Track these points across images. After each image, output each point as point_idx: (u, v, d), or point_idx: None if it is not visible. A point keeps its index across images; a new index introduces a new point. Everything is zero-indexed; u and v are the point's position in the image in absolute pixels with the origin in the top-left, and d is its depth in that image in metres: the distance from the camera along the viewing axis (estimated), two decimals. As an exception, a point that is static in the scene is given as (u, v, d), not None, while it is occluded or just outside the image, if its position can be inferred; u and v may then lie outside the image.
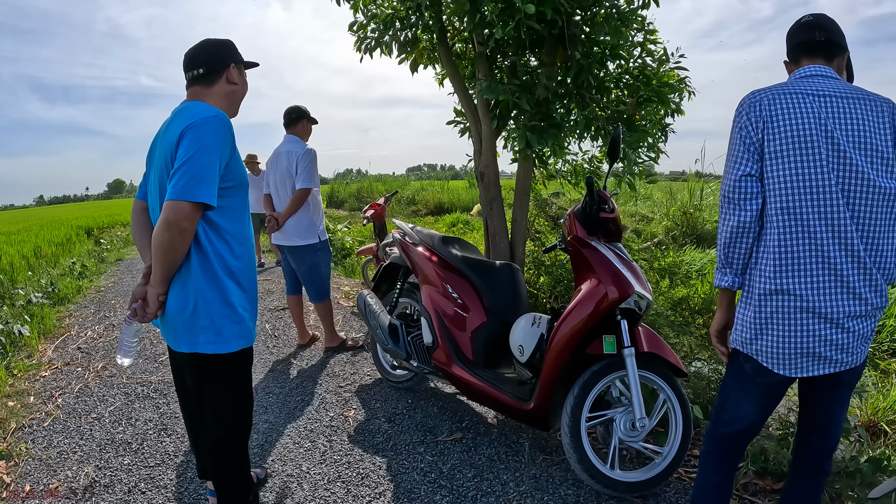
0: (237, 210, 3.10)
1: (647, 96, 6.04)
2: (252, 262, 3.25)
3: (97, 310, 9.69)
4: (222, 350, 3.05)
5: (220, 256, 3.00)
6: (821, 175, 2.42)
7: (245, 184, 3.15)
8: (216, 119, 2.89)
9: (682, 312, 6.47)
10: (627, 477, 3.80)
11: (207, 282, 2.98)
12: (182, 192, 2.72)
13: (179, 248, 2.83)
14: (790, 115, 2.49)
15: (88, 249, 17.86)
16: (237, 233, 3.10)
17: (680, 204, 15.11)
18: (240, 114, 3.45)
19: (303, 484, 4.10)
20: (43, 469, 4.46)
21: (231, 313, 3.06)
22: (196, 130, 2.83)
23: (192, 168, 2.75)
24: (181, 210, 2.72)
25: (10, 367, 6.65)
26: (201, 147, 2.79)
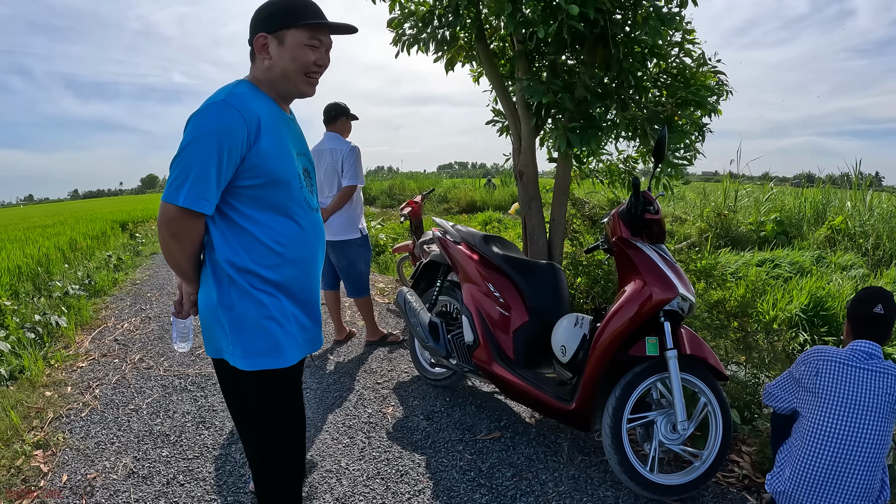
0: (270, 212, 2.58)
1: (685, 97, 5.99)
2: (300, 271, 2.69)
3: (133, 302, 9.79)
4: (243, 366, 2.58)
5: (237, 263, 2.55)
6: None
7: (283, 180, 2.57)
8: (217, 105, 2.42)
9: (719, 315, 6.41)
10: (667, 480, 3.78)
11: (224, 288, 2.57)
12: (167, 192, 2.42)
13: (176, 252, 2.54)
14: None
15: (123, 243, 18.01)
16: (270, 238, 2.57)
17: (714, 205, 14.99)
18: None
19: (342, 480, 4.11)
20: (80, 459, 4.50)
21: (257, 325, 2.58)
22: (192, 120, 2.45)
23: (179, 164, 2.41)
24: (166, 213, 2.43)
25: (47, 358, 6.74)
26: (192, 139, 2.40)
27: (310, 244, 2.74)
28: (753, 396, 4.75)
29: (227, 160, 2.40)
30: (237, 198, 2.51)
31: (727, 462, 4.14)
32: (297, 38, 2.54)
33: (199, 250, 2.61)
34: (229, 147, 2.38)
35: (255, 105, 2.50)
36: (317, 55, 2.61)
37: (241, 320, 2.56)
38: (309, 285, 2.77)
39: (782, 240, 11.51)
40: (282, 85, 2.63)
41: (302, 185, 2.70)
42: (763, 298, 7.05)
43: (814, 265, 9.17)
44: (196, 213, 2.42)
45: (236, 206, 2.53)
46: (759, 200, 15.08)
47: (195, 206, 2.38)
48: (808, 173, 19.15)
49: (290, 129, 2.74)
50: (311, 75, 2.65)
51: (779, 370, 5.15)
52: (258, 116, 2.47)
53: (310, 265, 2.76)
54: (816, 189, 15.17)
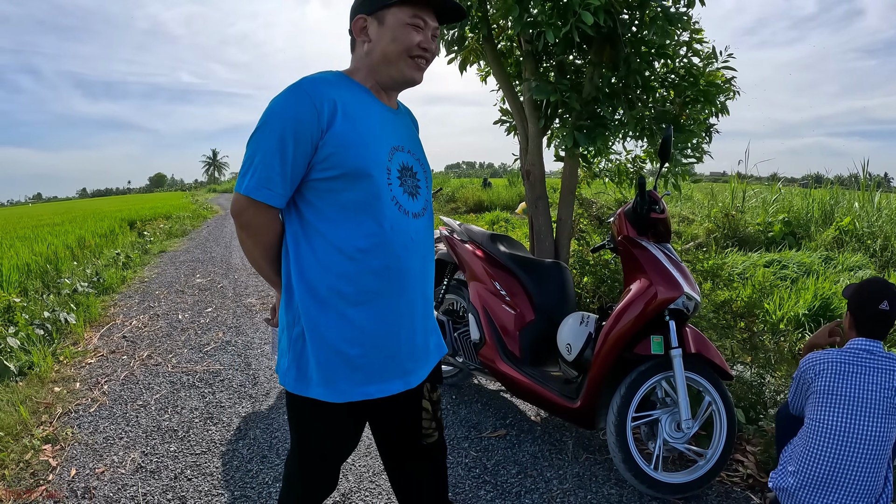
0: (347, 210, 2.24)
1: (693, 96, 6.00)
2: (381, 284, 2.29)
3: (141, 300, 9.83)
4: (295, 390, 2.32)
5: (306, 271, 2.27)
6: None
7: (364, 173, 2.22)
8: (288, 89, 2.22)
9: (725, 315, 6.42)
10: (671, 478, 3.79)
11: (292, 300, 2.31)
12: (238, 180, 2.24)
13: (250, 247, 2.35)
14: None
15: (132, 241, 18.02)
16: (344, 241, 2.24)
17: (722, 206, 14.97)
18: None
19: (348, 475, 4.13)
20: (89, 454, 4.53)
21: (317, 349, 2.26)
22: (267, 107, 2.24)
23: (246, 152, 2.23)
24: (235, 202, 2.24)
25: (56, 354, 6.77)
26: (259, 126, 2.21)
27: (396, 252, 2.30)
28: (759, 396, 4.76)
29: (295, 148, 2.16)
30: (312, 192, 2.25)
31: (731, 461, 4.15)
32: (398, 17, 2.29)
33: (278, 247, 2.38)
34: (295, 133, 2.15)
35: (335, 91, 2.24)
36: (421, 36, 2.33)
37: (300, 339, 2.29)
38: (396, 303, 2.33)
39: (790, 240, 11.49)
40: (383, 70, 2.36)
41: (392, 182, 2.32)
42: (769, 299, 7.06)
43: (821, 266, 9.17)
44: (262, 205, 2.21)
45: (312, 203, 2.26)
46: (767, 201, 15.05)
47: (256, 195, 2.18)
48: (817, 174, 19.10)
49: (390, 122, 2.42)
50: (417, 58, 2.35)
51: (784, 370, 5.16)
52: (334, 101, 2.20)
53: (396, 279, 2.32)
54: (825, 190, 15.14)
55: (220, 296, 9.90)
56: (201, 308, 9.05)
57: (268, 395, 5.49)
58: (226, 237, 18.62)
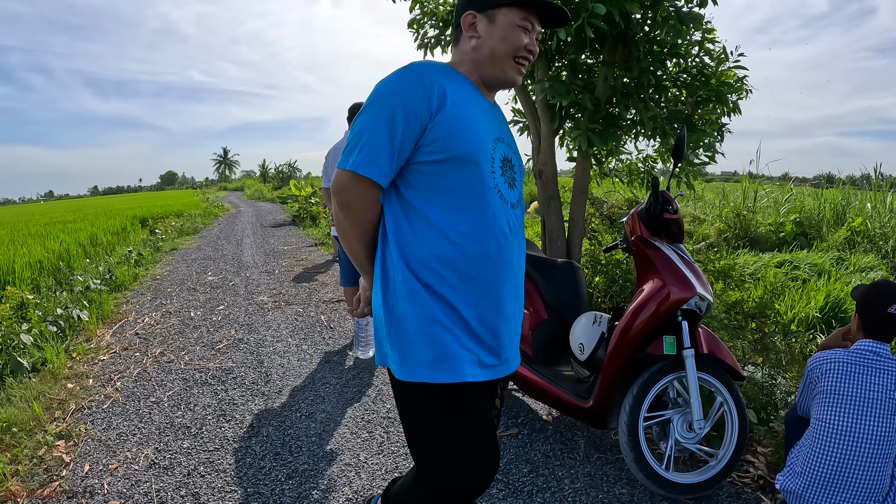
0: (451, 195, 2.25)
1: (705, 96, 6.00)
2: (481, 270, 2.28)
3: (154, 297, 9.86)
4: (401, 375, 2.24)
5: (407, 252, 2.26)
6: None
7: (470, 158, 2.24)
8: (400, 71, 2.26)
9: (736, 316, 6.42)
10: (682, 478, 3.79)
11: (390, 283, 2.30)
12: (342, 157, 2.25)
13: (346, 227, 2.32)
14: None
15: (143, 239, 18.08)
16: (448, 225, 2.24)
17: (733, 206, 14.92)
18: (288, 109, 2.60)
19: (360, 473, 4.14)
20: (102, 449, 4.56)
21: (421, 330, 2.22)
22: (375, 86, 2.27)
23: (353, 129, 2.24)
24: (338, 179, 2.24)
25: (69, 351, 6.82)
26: (369, 103, 2.22)
27: (497, 240, 2.31)
28: (770, 397, 4.75)
29: (404, 128, 2.17)
30: (416, 176, 2.26)
31: (742, 462, 4.15)
32: (509, 18, 2.34)
33: (374, 231, 2.36)
34: (405, 112, 2.16)
35: (444, 78, 2.27)
36: (528, 38, 2.37)
37: (402, 321, 2.24)
38: (492, 290, 2.32)
39: (801, 241, 11.45)
40: (488, 68, 2.41)
41: (495, 171, 2.33)
42: (781, 300, 7.05)
43: (833, 267, 9.14)
44: (367, 181, 2.20)
45: (414, 186, 2.27)
46: (779, 201, 15.00)
47: (364, 171, 2.17)
48: (828, 174, 19.04)
49: (491, 114, 2.46)
50: (520, 60, 2.41)
51: (795, 371, 5.15)
52: (444, 87, 2.23)
53: (494, 266, 2.31)
54: (836, 190, 15.09)
55: (232, 293, 9.92)
56: (213, 306, 9.08)
57: (280, 393, 5.50)
58: (237, 235, 18.66)
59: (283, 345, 6.94)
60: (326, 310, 8.58)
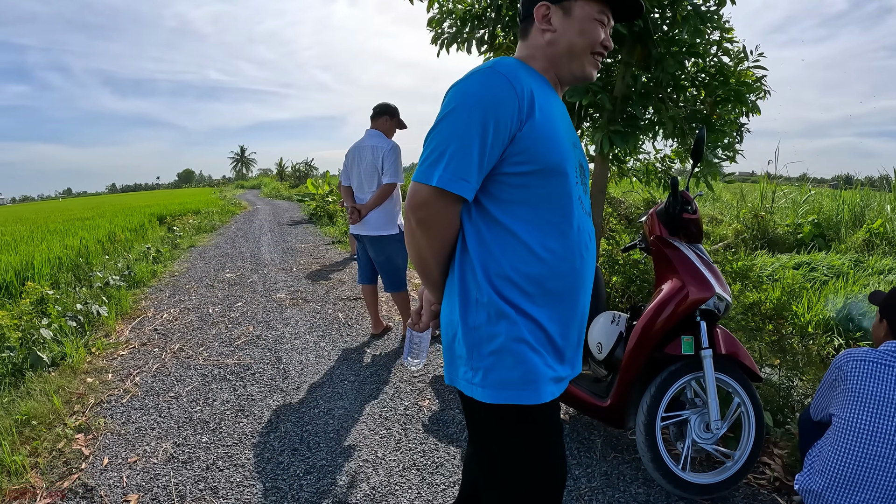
0: (539, 208, 2.09)
1: (724, 96, 5.99)
2: (567, 286, 2.16)
3: (172, 293, 9.91)
4: (479, 396, 2.11)
5: (490, 269, 2.10)
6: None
7: (560, 170, 2.09)
8: (483, 72, 2.06)
9: (753, 318, 6.39)
10: (699, 479, 3.79)
11: (471, 301, 2.12)
12: (420, 170, 2.05)
13: (423, 245, 2.13)
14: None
15: (161, 236, 18.18)
16: (535, 241, 2.09)
17: (751, 206, 14.86)
18: (305, 107, 2.34)
19: (378, 469, 4.16)
20: (121, 443, 4.60)
21: (507, 350, 2.07)
22: (453, 89, 2.10)
23: (436, 138, 2.05)
24: (416, 195, 2.05)
25: (88, 346, 6.87)
26: (453, 108, 2.03)
27: (581, 253, 2.20)
28: (787, 399, 4.74)
29: (494, 136, 1.99)
30: (501, 188, 2.09)
31: (758, 464, 4.14)
32: (586, 11, 2.19)
33: (451, 247, 2.18)
34: (496, 120, 1.98)
35: (529, 80, 2.10)
36: (604, 33, 2.24)
37: (487, 341, 2.08)
38: (574, 304, 2.22)
39: (819, 242, 11.41)
40: (565, 63, 2.25)
41: (578, 181, 2.20)
42: (798, 301, 7.02)
43: (851, 269, 9.09)
44: (452, 197, 2.03)
45: (499, 198, 2.10)
46: (797, 202, 14.93)
47: (452, 188, 1.98)
48: (847, 175, 18.94)
49: (565, 116, 2.29)
50: (597, 55, 2.27)
51: (812, 374, 5.14)
52: (531, 91, 2.06)
53: (578, 279, 2.20)
54: (855, 191, 15.01)
55: (250, 290, 9.95)
56: (231, 302, 9.11)
57: (298, 390, 5.53)
58: (254, 232, 18.71)
59: (301, 342, 6.97)
60: (344, 307, 8.59)
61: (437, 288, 2.27)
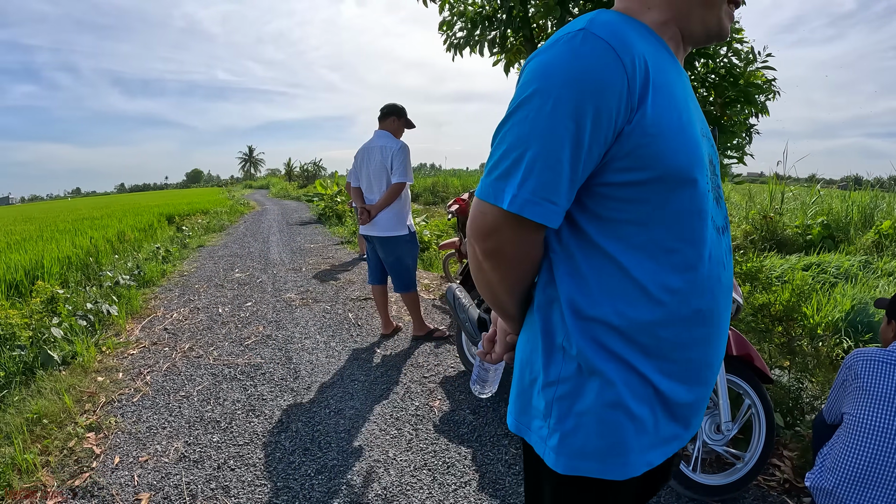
0: (655, 230, 1.46)
1: (733, 96, 5.98)
2: (689, 333, 1.54)
3: (182, 293, 9.95)
4: (552, 462, 1.57)
5: (585, 311, 1.50)
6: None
7: (686, 177, 1.44)
8: (576, 37, 1.37)
9: (763, 319, 6.39)
10: (709, 480, 3.78)
11: (555, 349, 1.56)
12: (485, 184, 1.45)
13: (492, 279, 1.56)
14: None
15: (171, 235, 18.22)
16: (649, 277, 1.48)
17: (760, 207, 14.80)
18: (313, 107, 1.80)
19: (389, 469, 4.16)
20: (132, 442, 4.62)
21: (595, 415, 1.51)
22: (531, 64, 1.43)
23: (506, 140, 1.41)
24: (482, 218, 1.46)
25: (98, 345, 6.90)
26: (529, 95, 1.38)
27: (711, 289, 1.56)
28: (797, 401, 4.74)
29: (593, 134, 1.35)
30: (602, 202, 1.47)
31: (768, 465, 4.13)
32: None
33: (531, 281, 1.62)
34: (595, 110, 1.33)
35: (640, 43, 1.42)
36: None
37: (570, 400, 1.54)
38: (700, 354, 1.59)
39: (829, 244, 11.36)
40: (697, 13, 1.56)
41: (709, 188, 1.55)
42: (808, 303, 7.01)
43: (860, 270, 9.06)
44: (533, 224, 1.42)
45: (599, 215, 1.48)
46: (806, 203, 14.87)
47: (532, 213, 1.38)
48: (856, 176, 18.84)
49: (689, 94, 1.59)
50: (732, 4, 1.60)
51: (822, 376, 5.13)
52: (645, 61, 1.39)
53: (706, 324, 1.57)
54: (864, 192, 14.95)
55: (260, 290, 9.97)
56: (241, 302, 9.13)
57: (309, 390, 5.54)
58: (263, 232, 18.76)
59: (312, 342, 6.98)
60: (354, 307, 8.60)
61: (515, 321, 1.72)
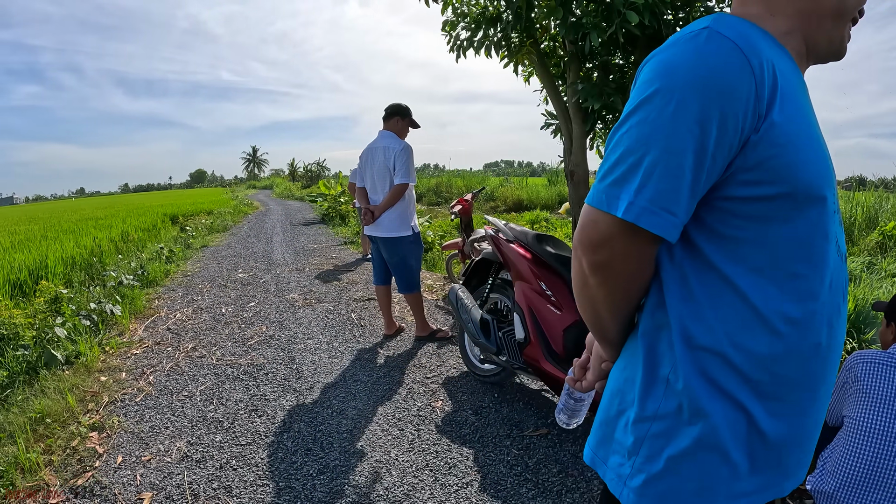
0: (779, 253, 1.34)
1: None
2: (804, 370, 1.40)
3: (185, 293, 9.95)
4: (624, 499, 1.48)
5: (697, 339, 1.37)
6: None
7: (815, 195, 1.32)
8: (700, 36, 1.28)
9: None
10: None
11: (658, 381, 1.43)
12: (598, 190, 1.34)
13: (596, 295, 1.44)
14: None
15: (174, 236, 18.26)
16: (770, 305, 1.35)
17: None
18: (317, 108, 1.70)
19: (391, 470, 4.15)
20: (135, 442, 4.61)
21: (690, 455, 1.39)
22: (652, 63, 1.34)
23: (623, 143, 1.32)
24: (593, 227, 1.35)
25: (102, 344, 6.91)
26: (651, 96, 1.28)
27: (830, 321, 1.43)
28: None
29: (718, 142, 1.24)
30: (723, 218, 1.34)
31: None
32: None
33: (636, 303, 1.49)
34: (721, 115, 1.23)
35: (767, 50, 1.30)
36: None
37: (665, 440, 1.41)
38: (812, 393, 1.44)
39: (833, 245, 11.35)
40: (825, 27, 1.43)
41: (835, 210, 1.43)
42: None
43: (864, 272, 9.03)
44: (647, 236, 1.31)
45: (719, 233, 1.36)
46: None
47: (649, 223, 1.27)
48: (860, 176, 18.80)
49: (810, 107, 1.43)
50: (852, 23, 1.48)
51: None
52: (773, 67, 1.28)
53: (822, 360, 1.43)
54: (869, 193, 14.92)
55: (263, 290, 9.97)
56: (244, 302, 9.13)
57: (311, 390, 5.53)
58: (267, 233, 18.78)
59: (314, 342, 6.98)
60: (357, 308, 8.60)
61: (614, 348, 1.60)
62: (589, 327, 1.57)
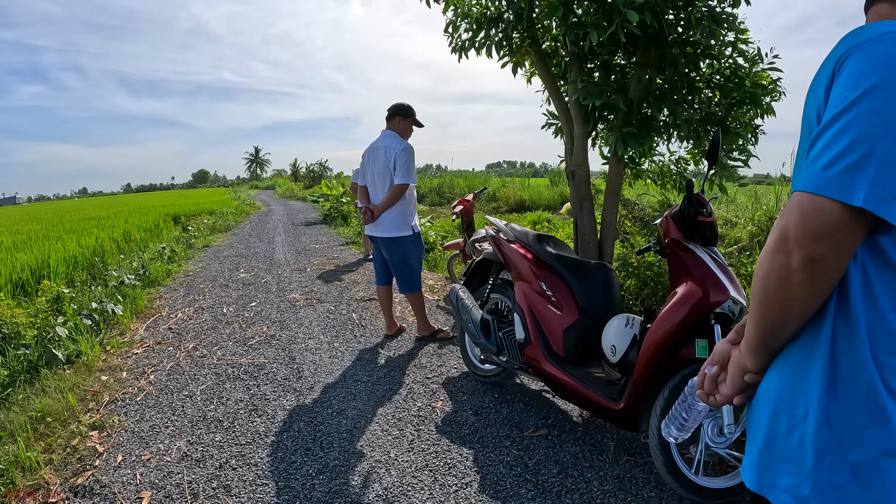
0: None
1: (739, 97, 5.97)
2: None
3: (186, 293, 9.96)
4: None
5: (880, 341, 1.33)
6: None
7: None
8: None
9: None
10: (711, 483, 3.77)
11: (840, 384, 1.36)
12: (823, 177, 1.26)
13: (799, 295, 1.33)
14: None
15: (176, 236, 18.27)
16: None
17: (766, 209, 14.74)
18: (319, 108, 1.73)
19: (391, 470, 4.15)
20: (135, 441, 4.62)
21: (871, 465, 1.32)
22: (862, 56, 1.29)
23: (853, 130, 1.24)
24: (817, 216, 1.27)
25: (103, 344, 6.93)
26: (872, 88, 1.24)
27: None
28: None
29: None
30: None
31: (772, 467, 4.12)
32: None
33: (820, 305, 1.37)
34: None
35: None
36: None
37: (850, 447, 1.34)
38: None
39: (834, 246, 11.32)
40: None
41: None
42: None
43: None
44: (866, 228, 1.27)
45: None
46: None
47: (888, 214, 1.22)
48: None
49: None
50: None
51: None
52: None
53: None
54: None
55: (264, 290, 9.98)
56: (245, 302, 9.14)
57: (311, 390, 5.53)
58: (268, 233, 18.80)
59: (315, 342, 6.99)
60: (358, 308, 8.59)
61: (771, 356, 1.52)
62: (759, 333, 1.47)
